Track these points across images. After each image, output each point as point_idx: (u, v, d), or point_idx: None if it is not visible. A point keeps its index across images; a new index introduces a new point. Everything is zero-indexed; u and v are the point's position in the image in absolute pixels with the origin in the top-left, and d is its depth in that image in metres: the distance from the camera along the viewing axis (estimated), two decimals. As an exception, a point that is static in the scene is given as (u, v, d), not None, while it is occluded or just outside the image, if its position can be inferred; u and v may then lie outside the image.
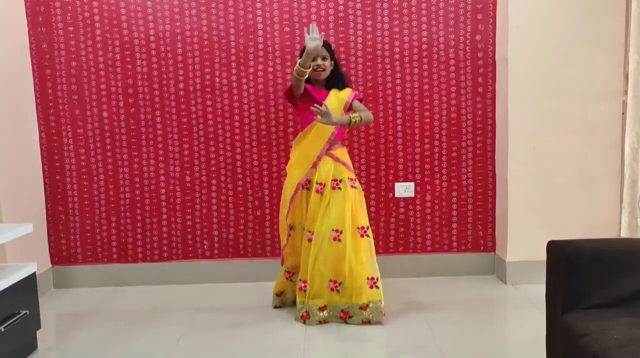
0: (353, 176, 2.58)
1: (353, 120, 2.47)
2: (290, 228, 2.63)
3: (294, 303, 2.64)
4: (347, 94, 2.60)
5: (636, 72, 2.75)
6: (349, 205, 2.50)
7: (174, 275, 3.11)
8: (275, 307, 2.71)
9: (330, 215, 2.48)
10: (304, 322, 2.49)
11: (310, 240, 2.52)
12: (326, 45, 2.56)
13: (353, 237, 2.49)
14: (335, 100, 2.57)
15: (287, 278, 2.71)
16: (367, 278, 2.49)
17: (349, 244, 2.47)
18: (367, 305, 2.46)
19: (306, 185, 2.57)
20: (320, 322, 2.49)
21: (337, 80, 2.62)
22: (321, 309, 2.49)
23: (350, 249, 2.47)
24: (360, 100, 2.66)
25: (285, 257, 2.69)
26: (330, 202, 2.49)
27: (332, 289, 2.49)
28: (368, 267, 2.50)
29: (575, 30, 2.85)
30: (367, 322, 2.47)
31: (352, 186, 2.54)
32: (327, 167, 2.54)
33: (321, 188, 2.53)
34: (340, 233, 2.47)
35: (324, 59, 2.55)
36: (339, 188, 2.52)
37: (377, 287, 2.49)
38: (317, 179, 2.53)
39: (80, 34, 2.98)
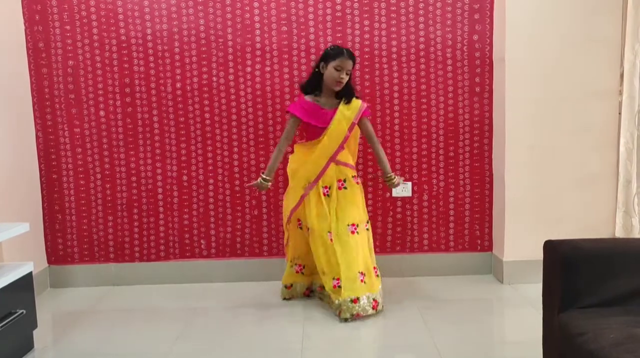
0: (355, 173, 2.69)
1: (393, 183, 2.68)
2: (299, 223, 2.73)
3: (302, 294, 2.82)
4: (355, 109, 2.62)
5: (631, 72, 2.76)
6: (358, 200, 2.64)
7: (171, 275, 3.11)
8: (285, 298, 2.81)
9: (344, 212, 2.58)
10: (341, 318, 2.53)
11: (332, 240, 2.56)
12: (355, 60, 2.60)
13: (362, 230, 2.63)
14: (342, 118, 2.60)
15: (297, 272, 2.80)
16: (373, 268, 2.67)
17: (364, 236, 2.62)
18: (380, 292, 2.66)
19: (311, 188, 2.62)
20: (352, 315, 2.50)
21: (347, 89, 2.62)
22: (354, 301, 2.51)
23: (365, 241, 2.62)
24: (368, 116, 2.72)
25: (287, 251, 2.82)
26: (341, 201, 2.60)
27: (361, 281, 2.55)
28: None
29: (572, 30, 2.86)
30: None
31: (356, 182, 2.67)
32: (331, 171, 2.62)
33: (327, 191, 2.62)
34: (357, 226, 2.59)
35: (347, 73, 2.56)
36: (345, 187, 2.62)
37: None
38: (322, 184, 2.62)
39: (77, 33, 2.97)
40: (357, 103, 2.64)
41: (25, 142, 2.96)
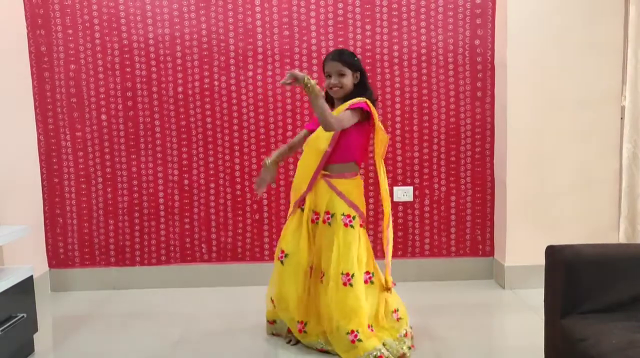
0: (352, 213, 2.19)
1: (307, 83, 1.96)
2: (282, 253, 2.28)
3: (287, 331, 2.36)
4: (337, 112, 2.17)
5: (634, 78, 2.75)
6: (336, 246, 2.15)
7: (172, 279, 3.11)
8: (273, 334, 2.42)
9: (327, 253, 2.19)
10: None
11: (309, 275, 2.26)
12: (344, 59, 2.18)
13: (334, 282, 2.13)
14: (335, 113, 2.16)
15: (274, 307, 2.36)
16: (347, 333, 2.09)
17: (329, 290, 2.14)
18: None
19: (301, 204, 2.27)
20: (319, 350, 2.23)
21: (358, 94, 2.20)
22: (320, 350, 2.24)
23: (329, 295, 2.14)
24: (361, 109, 2.15)
25: (270, 285, 2.38)
26: (322, 236, 2.21)
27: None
28: (346, 319, 2.10)
29: (574, 35, 2.86)
30: None
31: (345, 224, 2.17)
32: (324, 195, 2.21)
33: (316, 218, 2.24)
34: (324, 275, 2.20)
35: (340, 75, 2.17)
36: (329, 223, 2.19)
37: (360, 340, 2.07)
38: (312, 206, 2.24)
39: (80, 37, 2.98)
40: (345, 104, 2.18)
41: (26, 145, 2.96)
